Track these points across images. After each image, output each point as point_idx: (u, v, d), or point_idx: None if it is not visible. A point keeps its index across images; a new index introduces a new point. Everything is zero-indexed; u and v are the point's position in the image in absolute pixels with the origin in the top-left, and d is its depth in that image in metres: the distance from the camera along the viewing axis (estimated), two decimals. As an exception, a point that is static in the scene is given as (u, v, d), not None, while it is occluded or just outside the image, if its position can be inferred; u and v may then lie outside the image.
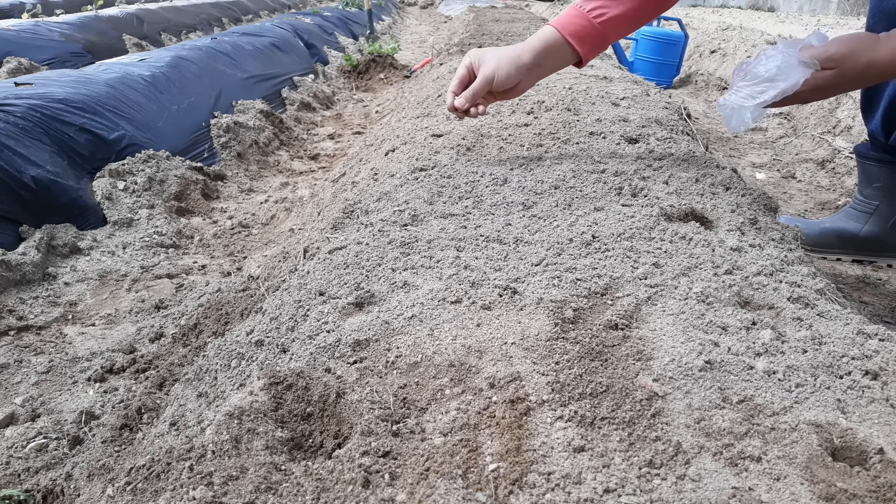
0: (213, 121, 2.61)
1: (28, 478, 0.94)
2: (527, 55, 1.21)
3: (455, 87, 1.26)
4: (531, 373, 0.68)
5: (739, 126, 1.13)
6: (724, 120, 1.16)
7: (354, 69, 4.54)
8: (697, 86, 4.31)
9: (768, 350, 0.71)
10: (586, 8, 1.19)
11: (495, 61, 1.21)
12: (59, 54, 4.30)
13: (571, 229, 1.01)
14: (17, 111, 1.84)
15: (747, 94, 1.12)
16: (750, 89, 1.12)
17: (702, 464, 0.57)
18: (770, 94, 1.09)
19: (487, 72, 1.21)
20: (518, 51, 1.22)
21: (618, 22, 1.19)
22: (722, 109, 1.16)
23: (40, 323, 1.37)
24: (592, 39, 1.20)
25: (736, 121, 1.13)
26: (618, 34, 1.23)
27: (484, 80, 1.21)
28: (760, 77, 1.10)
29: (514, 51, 1.22)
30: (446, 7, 11.19)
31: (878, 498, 0.54)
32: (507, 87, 1.23)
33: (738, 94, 1.13)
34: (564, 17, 1.21)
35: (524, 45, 1.22)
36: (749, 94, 1.11)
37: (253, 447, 0.62)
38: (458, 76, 1.26)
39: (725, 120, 1.16)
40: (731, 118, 1.13)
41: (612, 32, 1.21)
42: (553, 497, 0.54)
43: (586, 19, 1.18)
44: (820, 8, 7.05)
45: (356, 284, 0.88)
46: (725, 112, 1.15)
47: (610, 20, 1.18)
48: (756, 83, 1.11)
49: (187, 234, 1.89)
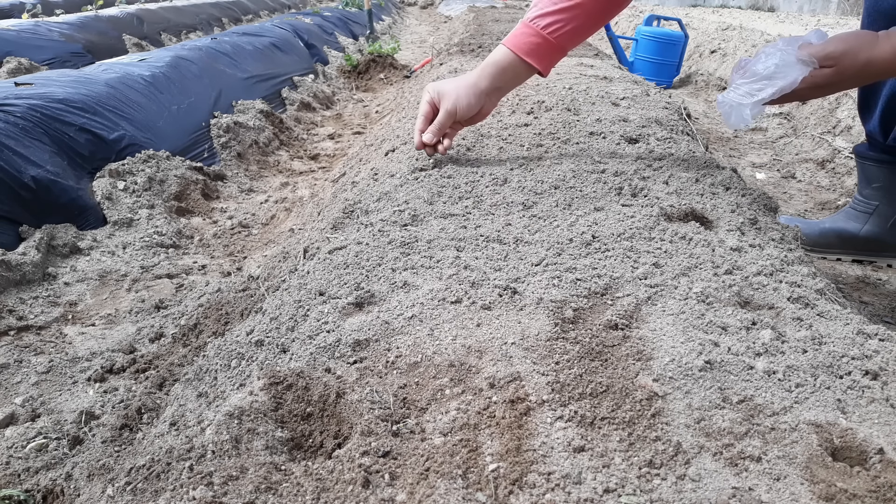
0: (213, 121, 2.61)
1: (28, 478, 0.94)
2: (483, 81, 1.22)
3: (421, 124, 1.27)
4: (531, 373, 0.68)
5: (739, 123, 1.13)
6: (723, 117, 1.16)
7: (354, 69, 4.54)
8: (697, 86, 4.31)
9: (768, 350, 0.71)
10: (540, 25, 1.17)
11: (454, 93, 1.22)
12: (59, 54, 4.30)
13: (571, 229, 1.01)
14: (17, 111, 1.84)
15: (745, 92, 1.12)
16: (748, 87, 1.12)
17: (702, 464, 0.57)
18: (768, 91, 1.09)
19: (449, 105, 1.22)
20: (474, 78, 1.23)
21: (573, 34, 1.18)
22: (721, 107, 1.16)
23: (40, 323, 1.37)
24: (550, 54, 1.20)
25: (735, 118, 1.13)
26: (575, 43, 1.23)
27: (447, 113, 1.23)
28: (759, 74, 1.10)
29: (470, 79, 1.23)
30: (446, 7, 11.19)
31: (878, 498, 0.54)
32: (471, 115, 1.25)
33: (737, 92, 1.13)
34: (518, 37, 1.20)
35: (480, 71, 1.23)
36: (747, 92, 1.11)
37: (253, 447, 0.62)
38: (421, 113, 1.27)
39: (724, 117, 1.16)
40: (731, 115, 1.13)
41: (570, 43, 1.20)
42: (553, 497, 0.54)
43: (541, 37, 1.17)
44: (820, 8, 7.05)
45: (356, 284, 0.88)
46: (724, 109, 1.15)
47: (565, 34, 1.17)
48: (754, 81, 1.11)
49: (187, 234, 1.89)
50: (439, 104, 1.24)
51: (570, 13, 1.16)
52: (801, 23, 5.85)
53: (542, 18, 1.17)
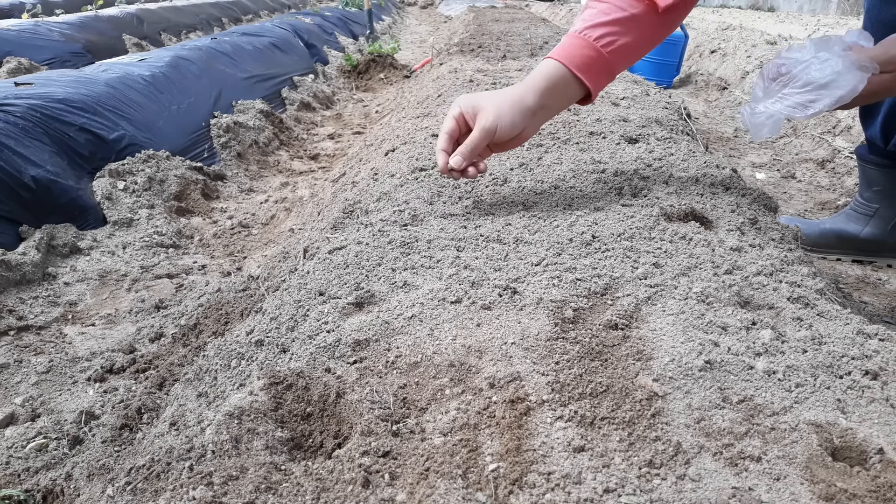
0: (213, 121, 2.61)
1: (28, 478, 0.94)
2: (531, 97, 1.03)
3: (445, 143, 1.05)
4: (531, 373, 0.68)
5: (771, 134, 1.03)
6: (751, 127, 1.04)
7: (354, 69, 4.54)
8: (697, 86, 4.31)
9: (768, 350, 0.71)
10: (592, 36, 1.02)
11: (494, 108, 1.02)
12: (59, 54, 4.30)
13: (571, 229, 1.01)
14: (17, 111, 1.84)
15: (797, 103, 1.00)
16: (800, 97, 1.00)
17: (702, 464, 0.57)
18: (825, 102, 0.98)
19: (488, 123, 1.01)
20: (519, 93, 1.04)
21: (627, 51, 1.04)
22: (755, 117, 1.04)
23: (40, 323, 1.37)
24: (601, 71, 1.05)
25: (770, 129, 1.02)
26: (625, 64, 1.07)
27: (484, 133, 1.01)
28: (813, 83, 0.98)
29: (514, 94, 1.04)
30: (446, 7, 11.20)
31: (878, 498, 0.54)
32: (512, 136, 1.04)
33: (784, 103, 1.01)
34: (568, 48, 1.04)
35: (525, 85, 1.04)
36: (800, 103, 1.00)
37: (253, 447, 0.62)
38: (446, 130, 1.05)
39: (755, 127, 1.04)
40: (764, 127, 1.02)
41: (621, 62, 1.05)
42: (553, 497, 0.54)
43: (594, 49, 1.02)
44: (820, 8, 7.05)
45: (356, 284, 0.88)
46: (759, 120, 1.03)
47: (619, 49, 1.03)
48: (808, 90, 0.99)
49: (187, 234, 1.89)
50: (472, 120, 1.04)
51: (624, 26, 1.02)
52: (801, 22, 5.85)
53: (594, 29, 1.02)
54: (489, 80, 2.30)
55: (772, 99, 1.03)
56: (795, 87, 1.01)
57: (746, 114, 1.06)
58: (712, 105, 3.73)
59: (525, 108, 1.03)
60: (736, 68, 4.25)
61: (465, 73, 2.53)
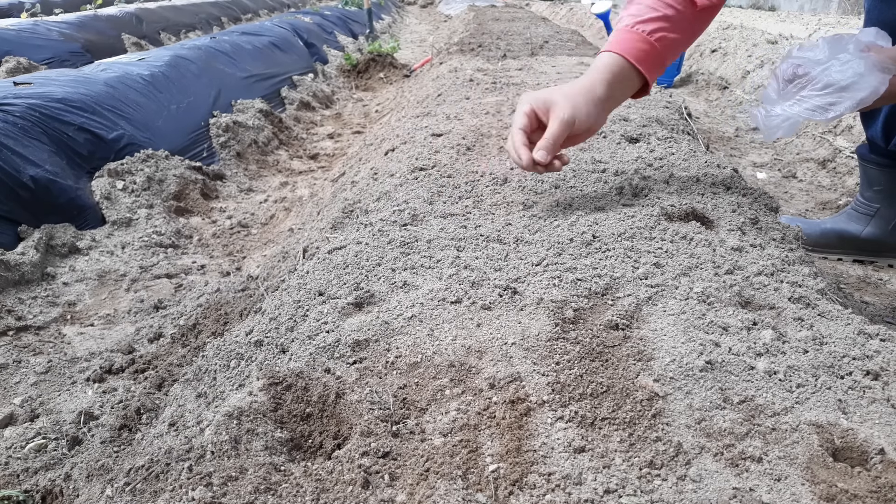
0: (213, 120, 2.61)
1: (27, 478, 0.93)
2: (599, 88, 1.05)
3: (521, 139, 1.04)
4: (531, 373, 0.68)
5: (786, 136, 1.01)
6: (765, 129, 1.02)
7: (354, 68, 4.54)
8: (698, 85, 4.31)
9: (769, 350, 0.71)
10: (644, 30, 1.05)
11: (569, 101, 1.03)
12: (58, 53, 4.30)
13: (572, 229, 1.01)
14: (15, 111, 1.84)
15: (816, 106, 0.97)
16: (821, 99, 0.97)
17: (702, 464, 0.57)
18: (846, 104, 0.96)
19: (566, 114, 1.02)
20: (588, 84, 1.06)
21: (674, 45, 1.07)
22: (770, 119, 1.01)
23: (39, 323, 1.37)
24: (655, 64, 1.07)
25: (785, 131, 1.00)
26: (671, 59, 1.09)
27: (564, 125, 1.02)
28: (834, 85, 0.96)
29: (584, 85, 1.06)
30: (446, 6, 11.20)
31: (878, 498, 0.54)
32: (588, 127, 1.06)
33: (804, 105, 0.99)
34: (623, 42, 1.06)
35: (590, 78, 1.06)
36: (819, 106, 0.97)
37: (252, 448, 0.62)
38: (520, 126, 1.05)
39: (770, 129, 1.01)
40: (780, 129, 1.00)
41: (669, 56, 1.08)
42: (553, 498, 0.54)
43: (648, 43, 1.05)
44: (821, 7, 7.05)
45: (356, 284, 0.88)
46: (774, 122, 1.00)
47: (669, 43, 1.06)
48: (829, 93, 0.97)
49: (186, 233, 1.88)
50: (544, 115, 1.04)
51: (670, 22, 1.05)
52: (802, 22, 5.85)
53: (646, 24, 1.05)
54: (489, 80, 2.29)
55: (789, 101, 1.02)
56: (815, 90, 0.99)
57: (761, 115, 1.04)
58: (713, 104, 3.73)
59: (597, 98, 1.05)
60: (737, 68, 4.25)
61: (465, 72, 2.53)
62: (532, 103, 1.05)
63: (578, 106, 1.03)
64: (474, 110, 1.82)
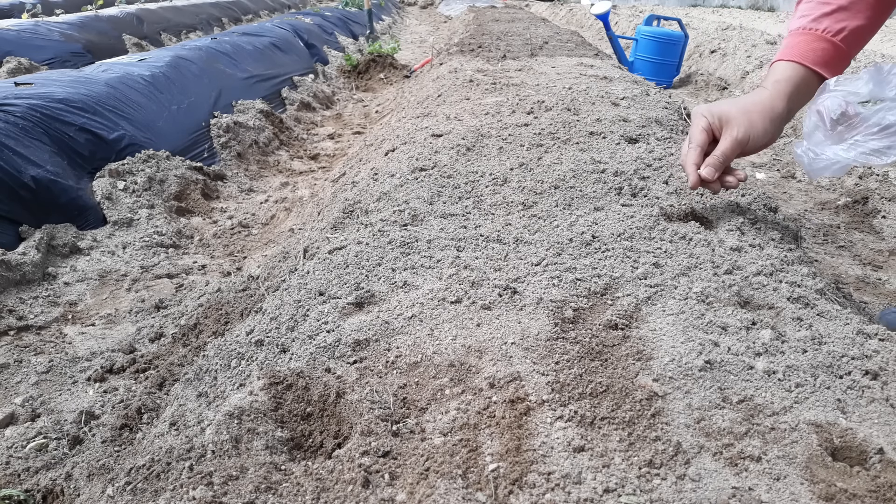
0: (213, 121, 2.61)
1: (28, 477, 0.94)
2: (780, 103, 0.98)
3: (696, 157, 1.00)
4: (531, 373, 0.68)
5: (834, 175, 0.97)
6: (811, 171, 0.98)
7: (354, 69, 4.55)
8: (697, 86, 4.31)
9: (768, 350, 0.71)
10: (819, 28, 0.98)
11: (744, 118, 0.98)
12: (59, 54, 4.31)
13: (571, 229, 1.01)
14: (17, 111, 1.84)
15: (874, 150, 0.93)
16: (878, 143, 0.93)
17: (702, 464, 0.57)
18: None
19: (739, 132, 0.97)
20: (767, 100, 0.99)
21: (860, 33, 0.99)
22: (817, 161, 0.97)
23: (40, 323, 1.37)
24: (839, 62, 1.00)
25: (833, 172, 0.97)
26: (860, 46, 1.01)
27: (736, 143, 0.97)
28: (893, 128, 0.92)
29: (762, 102, 0.99)
30: (446, 7, 11.21)
31: (877, 498, 0.54)
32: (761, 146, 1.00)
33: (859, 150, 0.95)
34: (797, 47, 1.00)
35: (769, 92, 1.00)
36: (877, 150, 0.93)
37: (253, 447, 0.62)
38: (696, 143, 1.00)
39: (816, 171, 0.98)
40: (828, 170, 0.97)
41: (856, 47, 1.00)
42: (553, 497, 0.54)
43: (828, 42, 0.98)
44: (820, 8, 7.01)
45: (356, 284, 0.88)
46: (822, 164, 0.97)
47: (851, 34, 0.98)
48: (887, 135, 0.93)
49: (187, 233, 1.89)
50: (718, 131, 1.00)
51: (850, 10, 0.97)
52: (801, 23, 5.82)
53: (821, 21, 0.98)
54: (489, 80, 2.30)
55: (842, 145, 0.98)
56: (870, 133, 0.95)
57: (807, 158, 1.00)
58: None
59: (776, 115, 0.99)
60: (736, 68, 4.25)
61: (465, 72, 2.53)
62: (708, 118, 1.00)
63: (755, 123, 0.97)
64: (474, 111, 1.82)
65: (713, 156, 0.98)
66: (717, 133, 1.01)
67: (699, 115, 1.02)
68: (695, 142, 1.00)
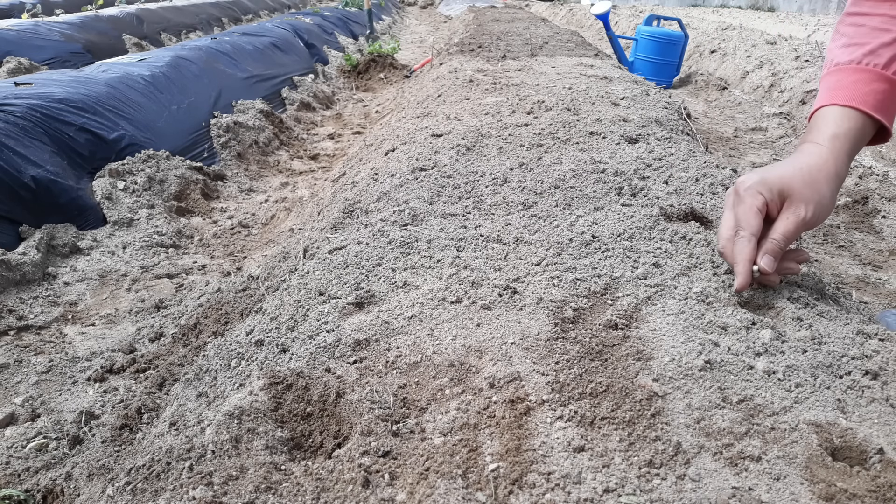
0: (213, 121, 2.61)
1: (28, 477, 0.94)
2: (844, 166, 0.82)
3: (750, 253, 0.79)
4: (531, 373, 0.68)
5: None
6: None
7: (354, 69, 4.55)
8: (697, 86, 4.31)
9: (768, 350, 0.71)
10: (879, 64, 0.81)
11: (811, 192, 0.79)
12: (59, 54, 4.31)
13: (571, 229, 1.01)
14: (17, 111, 1.84)
15: None
16: None
17: (702, 464, 0.57)
18: None
19: (809, 213, 0.78)
20: (831, 165, 0.80)
21: None
22: None
23: (40, 323, 1.37)
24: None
25: None
26: None
27: (803, 224, 0.79)
28: None
29: (825, 167, 0.80)
30: (446, 7, 11.21)
31: (877, 498, 0.54)
32: (824, 219, 0.82)
33: None
34: (853, 88, 0.82)
35: (828, 151, 0.81)
36: None
37: (253, 447, 0.62)
38: (751, 230, 0.79)
39: None
40: None
41: None
42: (553, 497, 0.54)
43: (886, 80, 0.81)
44: (820, 8, 7.05)
45: (356, 284, 0.88)
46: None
47: None
48: None
49: (187, 233, 1.89)
50: (777, 207, 0.80)
51: None
52: (801, 22, 5.85)
53: (877, 55, 0.81)
54: (489, 80, 2.30)
55: None
56: None
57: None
58: (712, 105, 3.73)
59: (840, 180, 0.82)
60: (736, 68, 4.25)
61: (465, 72, 2.53)
62: (765, 194, 0.80)
63: (823, 195, 0.79)
64: (474, 111, 1.82)
65: (772, 240, 0.79)
66: (773, 210, 0.81)
67: (752, 188, 0.80)
68: (749, 229, 0.79)
